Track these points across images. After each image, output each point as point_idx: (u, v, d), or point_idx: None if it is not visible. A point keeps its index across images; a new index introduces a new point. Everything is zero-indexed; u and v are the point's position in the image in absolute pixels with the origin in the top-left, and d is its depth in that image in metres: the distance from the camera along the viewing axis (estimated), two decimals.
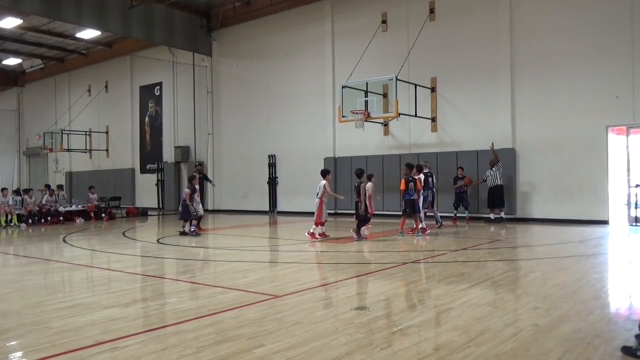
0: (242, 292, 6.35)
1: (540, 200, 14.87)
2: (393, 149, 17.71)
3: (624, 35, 13.47)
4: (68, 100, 29.94)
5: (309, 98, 19.80)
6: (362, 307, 5.42)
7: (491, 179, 14.67)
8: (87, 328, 4.84)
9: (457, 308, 5.53)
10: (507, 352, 3.99)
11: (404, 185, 11.92)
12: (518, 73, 15.20)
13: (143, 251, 11.15)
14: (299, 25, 20.08)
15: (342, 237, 12.02)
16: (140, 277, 7.81)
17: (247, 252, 10.47)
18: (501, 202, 14.72)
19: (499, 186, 14.64)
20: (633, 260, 8.80)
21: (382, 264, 8.23)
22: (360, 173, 11.49)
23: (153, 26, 20.90)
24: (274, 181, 21.07)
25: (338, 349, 4.13)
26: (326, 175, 11.77)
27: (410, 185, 11.83)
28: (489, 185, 14.77)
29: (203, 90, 23.48)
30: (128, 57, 26.32)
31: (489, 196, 14.88)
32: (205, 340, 4.40)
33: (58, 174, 30.90)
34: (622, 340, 4.17)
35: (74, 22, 19.42)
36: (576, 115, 14.22)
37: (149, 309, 5.70)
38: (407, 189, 11.85)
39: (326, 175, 11.86)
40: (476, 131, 15.89)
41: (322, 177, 11.78)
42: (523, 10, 15.12)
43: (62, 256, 10.40)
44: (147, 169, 26.21)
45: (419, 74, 16.51)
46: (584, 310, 5.29)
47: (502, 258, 8.71)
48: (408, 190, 11.83)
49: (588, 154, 14.00)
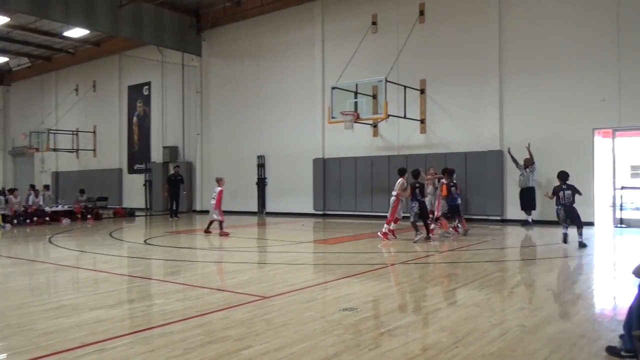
0: (230, 293, 6.33)
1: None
2: (382, 150, 17.76)
3: (610, 40, 13.63)
4: (55, 99, 29.65)
5: (298, 99, 19.80)
6: (350, 308, 5.42)
7: (524, 180, 14.39)
8: (73, 329, 4.79)
9: (444, 309, 5.56)
10: (494, 353, 4.01)
11: (445, 191, 12.01)
12: (506, 75, 15.32)
13: (130, 252, 11.06)
14: (289, 26, 20.07)
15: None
16: (127, 278, 7.75)
17: (236, 253, 10.44)
18: (531, 204, 14.39)
19: (530, 188, 14.32)
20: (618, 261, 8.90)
21: (370, 264, 8.24)
22: (417, 173, 11.41)
23: (142, 25, 20.77)
24: (263, 182, 21.03)
25: (326, 349, 4.13)
26: (403, 174, 11.61)
27: (452, 189, 11.95)
28: (521, 186, 14.48)
29: (192, 91, 23.38)
30: (116, 57, 26.12)
31: (520, 198, 14.56)
32: (192, 341, 4.37)
33: (44, 174, 30.58)
34: (607, 341, 4.21)
35: (62, 20, 19.22)
36: (563, 118, 14.37)
37: (136, 310, 5.65)
38: (450, 193, 11.96)
39: (403, 174, 11.66)
40: (465, 133, 15.99)
41: (400, 176, 11.65)
42: (512, 14, 15.25)
43: (48, 257, 10.30)
44: (135, 169, 26.03)
45: (408, 76, 16.58)
46: (570, 311, 5.34)
47: (489, 259, 8.77)
48: (452, 195, 11.95)
49: (575, 156, 14.13)
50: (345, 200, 18.48)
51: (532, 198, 14.36)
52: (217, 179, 13.73)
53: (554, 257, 8.99)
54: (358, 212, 17.98)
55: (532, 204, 14.40)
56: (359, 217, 17.76)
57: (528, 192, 14.36)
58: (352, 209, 18.25)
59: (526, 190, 14.38)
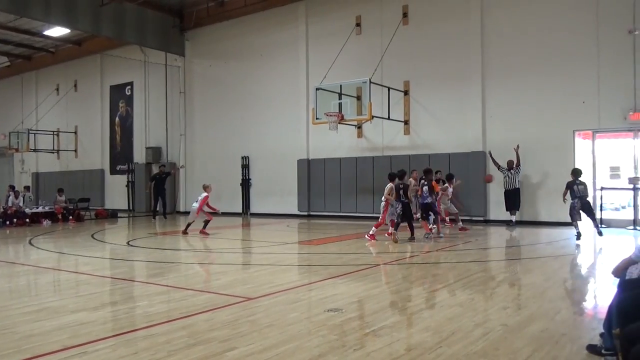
0: (214, 294, 6.30)
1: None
2: (366, 151, 17.83)
3: (590, 42, 13.87)
4: (35, 99, 29.18)
5: (282, 100, 19.77)
6: (335, 309, 5.43)
7: (509, 181, 14.51)
8: (54, 332, 4.73)
9: (428, 309, 5.60)
10: (477, 352, 4.06)
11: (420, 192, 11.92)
12: (489, 77, 15.49)
13: (112, 254, 10.94)
14: (273, 26, 20.04)
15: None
16: (109, 280, 7.65)
17: (220, 254, 10.38)
18: (516, 204, 14.52)
19: (516, 189, 14.45)
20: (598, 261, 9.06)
21: (355, 265, 8.26)
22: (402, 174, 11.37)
23: (124, 25, 20.55)
24: (248, 183, 20.96)
25: (311, 350, 4.13)
26: (393, 179, 11.50)
27: (425, 188, 11.82)
28: (506, 187, 14.58)
29: (175, 91, 23.19)
30: (98, 56, 25.81)
31: (506, 199, 14.70)
32: (177, 343, 4.34)
33: (24, 175, 30.09)
34: (588, 339, 4.29)
35: (42, 19, 18.93)
36: (544, 120, 14.57)
37: (119, 313, 5.60)
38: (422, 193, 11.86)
39: (392, 179, 11.43)
40: (448, 134, 16.12)
41: (390, 181, 11.53)
42: (494, 16, 15.42)
43: (28, 259, 10.14)
44: (117, 170, 25.74)
45: (392, 77, 16.66)
46: (552, 310, 5.42)
47: (473, 259, 8.85)
48: (423, 194, 11.86)
49: (556, 157, 14.34)
50: (330, 201, 18.51)
51: (517, 199, 14.53)
52: (204, 186, 13.64)
53: (536, 257, 9.10)
54: (342, 213, 18.02)
55: (517, 204, 14.56)
56: (344, 217, 17.80)
57: (513, 193, 14.52)
58: (337, 209, 18.29)
59: (511, 192, 14.53)
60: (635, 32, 13.21)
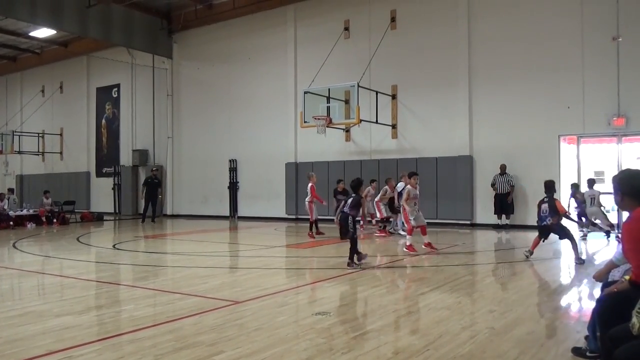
0: (202, 298, 6.26)
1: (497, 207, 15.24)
2: (354, 154, 17.86)
3: (575, 49, 14.06)
4: (20, 100, 28.84)
5: (270, 103, 19.75)
6: (323, 312, 5.43)
7: (500, 186, 14.70)
8: (38, 337, 4.67)
9: (416, 312, 5.62)
10: (464, 355, 4.08)
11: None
12: (475, 82, 15.63)
13: (98, 257, 10.82)
14: (262, 30, 20.03)
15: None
16: (95, 284, 7.57)
17: (207, 258, 10.32)
18: (508, 208, 14.71)
19: (507, 193, 14.64)
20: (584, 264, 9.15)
21: (342, 269, 8.27)
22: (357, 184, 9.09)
23: (111, 26, 20.40)
24: (235, 186, 20.88)
25: (299, 354, 4.13)
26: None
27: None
28: (498, 192, 14.76)
29: (163, 93, 23.06)
30: (84, 58, 25.59)
31: (496, 202, 14.84)
32: (163, 347, 4.31)
33: (8, 177, 29.70)
34: (573, 342, 4.33)
35: (27, 20, 18.74)
36: (530, 125, 14.72)
37: (104, 317, 5.54)
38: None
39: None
40: (435, 138, 16.21)
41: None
42: (481, 21, 15.57)
43: (12, 262, 10.00)
44: (104, 172, 25.49)
45: (380, 81, 16.73)
46: (537, 313, 5.47)
47: (459, 263, 8.90)
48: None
49: (541, 162, 14.49)
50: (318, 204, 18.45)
51: (509, 203, 14.73)
52: (308, 175, 14.23)
53: (522, 260, 9.18)
54: (330, 216, 17.95)
55: (509, 208, 14.76)
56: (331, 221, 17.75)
57: (505, 197, 14.72)
58: (324, 213, 18.27)
59: (504, 195, 14.72)
60: (619, 39, 13.44)
